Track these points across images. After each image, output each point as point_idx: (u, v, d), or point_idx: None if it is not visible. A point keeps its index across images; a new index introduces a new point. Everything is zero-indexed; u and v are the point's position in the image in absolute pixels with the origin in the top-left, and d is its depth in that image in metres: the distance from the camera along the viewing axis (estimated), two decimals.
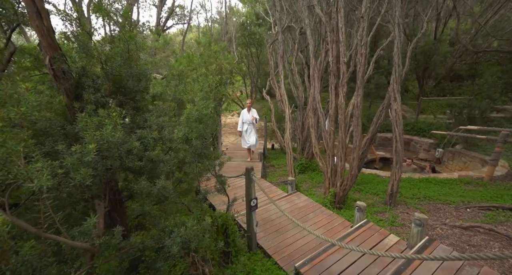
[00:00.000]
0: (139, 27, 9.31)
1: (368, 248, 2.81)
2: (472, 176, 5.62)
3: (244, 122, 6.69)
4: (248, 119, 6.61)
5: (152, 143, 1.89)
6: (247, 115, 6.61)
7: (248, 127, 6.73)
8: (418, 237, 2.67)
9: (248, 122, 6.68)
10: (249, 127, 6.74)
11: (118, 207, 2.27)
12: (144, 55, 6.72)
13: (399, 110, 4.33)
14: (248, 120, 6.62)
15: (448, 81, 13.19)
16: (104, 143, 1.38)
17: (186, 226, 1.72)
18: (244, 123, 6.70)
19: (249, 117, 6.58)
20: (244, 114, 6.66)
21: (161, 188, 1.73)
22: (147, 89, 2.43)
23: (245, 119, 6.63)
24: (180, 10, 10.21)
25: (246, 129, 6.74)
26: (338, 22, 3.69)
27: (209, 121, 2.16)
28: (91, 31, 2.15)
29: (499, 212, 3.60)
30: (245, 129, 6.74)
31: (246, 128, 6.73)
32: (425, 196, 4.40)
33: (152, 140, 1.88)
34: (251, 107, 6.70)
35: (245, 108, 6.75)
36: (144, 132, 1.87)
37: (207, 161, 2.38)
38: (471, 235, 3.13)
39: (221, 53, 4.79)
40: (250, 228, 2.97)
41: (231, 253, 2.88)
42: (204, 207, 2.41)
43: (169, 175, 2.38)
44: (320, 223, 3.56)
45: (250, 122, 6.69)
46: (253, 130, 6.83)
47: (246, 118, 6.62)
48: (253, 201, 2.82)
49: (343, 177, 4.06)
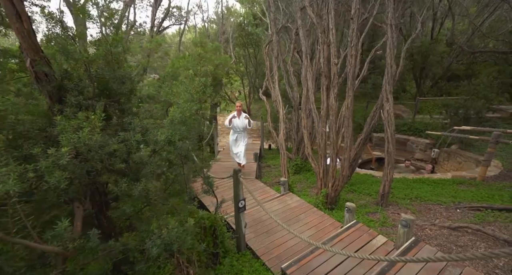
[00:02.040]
0: (136, 28, 9.33)
1: (356, 248, 2.83)
2: (465, 176, 5.64)
3: (234, 130, 5.53)
4: (239, 126, 5.41)
5: (135, 145, 1.90)
6: (238, 121, 5.40)
7: (238, 136, 5.56)
8: (404, 238, 2.68)
9: (239, 130, 5.47)
10: (239, 135, 5.56)
11: (104, 209, 2.28)
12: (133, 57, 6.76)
13: (391, 111, 4.34)
14: (239, 127, 5.42)
15: (445, 81, 13.22)
16: (81, 146, 1.39)
17: (167, 228, 1.74)
18: (235, 132, 5.54)
19: (240, 124, 5.39)
20: (233, 118, 5.39)
21: (142, 190, 1.74)
22: (133, 92, 2.44)
23: (235, 125, 5.43)
24: (177, 11, 10.22)
25: (236, 138, 5.56)
26: (328, 24, 3.70)
27: (194, 123, 2.17)
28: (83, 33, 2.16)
29: (488, 212, 3.61)
30: (234, 138, 5.56)
31: (236, 137, 5.56)
32: (417, 196, 4.41)
33: (135, 142, 1.89)
34: (239, 110, 5.48)
35: (233, 112, 5.47)
36: (127, 135, 1.88)
37: (193, 163, 2.39)
38: (458, 235, 3.14)
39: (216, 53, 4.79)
40: (239, 229, 2.98)
41: (219, 254, 2.89)
42: (190, 208, 2.42)
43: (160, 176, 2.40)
44: (311, 224, 3.57)
45: (241, 130, 5.50)
46: (244, 140, 5.60)
47: (236, 125, 5.42)
48: (241, 202, 2.84)
49: (335, 178, 4.08)
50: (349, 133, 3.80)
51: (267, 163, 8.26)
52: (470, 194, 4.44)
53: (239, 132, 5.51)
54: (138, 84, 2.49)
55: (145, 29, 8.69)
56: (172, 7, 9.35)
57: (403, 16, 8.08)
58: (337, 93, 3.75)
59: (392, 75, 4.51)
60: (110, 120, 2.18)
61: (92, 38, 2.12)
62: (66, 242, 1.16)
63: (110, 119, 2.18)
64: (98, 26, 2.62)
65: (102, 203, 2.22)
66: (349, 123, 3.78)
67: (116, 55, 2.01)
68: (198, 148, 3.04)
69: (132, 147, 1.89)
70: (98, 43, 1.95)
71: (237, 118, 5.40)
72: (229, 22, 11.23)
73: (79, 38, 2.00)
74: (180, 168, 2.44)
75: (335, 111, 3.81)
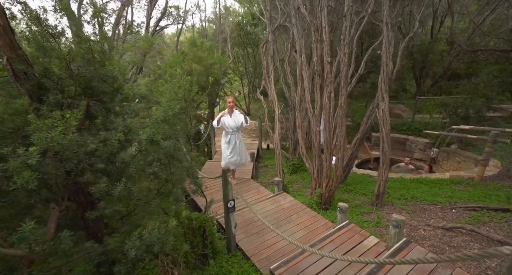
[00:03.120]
0: (135, 27, 9.34)
1: (347, 249, 2.79)
2: (463, 176, 5.57)
3: (227, 131, 4.67)
4: (231, 125, 4.56)
5: (116, 145, 1.88)
6: (229, 120, 4.54)
7: (231, 138, 4.66)
8: (395, 239, 2.64)
9: (232, 130, 4.60)
10: (232, 137, 4.67)
11: (89, 209, 2.26)
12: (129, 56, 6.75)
13: (387, 110, 4.29)
14: (231, 127, 4.57)
15: (445, 80, 13.12)
16: (54, 145, 1.37)
17: (147, 229, 1.71)
18: (227, 133, 4.68)
19: (233, 123, 4.55)
20: (224, 119, 4.56)
21: (123, 190, 1.71)
22: (119, 91, 2.41)
23: (226, 125, 4.57)
24: (175, 10, 10.21)
25: (229, 140, 4.66)
26: (322, 21, 3.66)
27: (178, 122, 2.14)
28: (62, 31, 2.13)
29: (483, 212, 3.56)
30: (227, 140, 4.67)
31: (229, 139, 4.66)
32: (412, 196, 4.36)
33: (117, 142, 1.87)
34: (234, 109, 4.64)
35: (224, 110, 4.65)
36: (108, 134, 1.86)
37: (180, 162, 2.36)
38: (452, 236, 3.09)
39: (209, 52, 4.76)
40: (229, 229, 2.95)
41: (208, 255, 2.86)
42: (176, 208, 2.39)
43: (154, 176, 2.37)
44: (303, 224, 3.53)
45: (234, 130, 4.64)
46: (240, 141, 4.81)
47: (228, 125, 4.56)
48: (230, 203, 2.81)
49: (329, 178, 4.03)
50: (343, 132, 3.76)
51: (264, 163, 8.23)
52: (467, 194, 4.38)
53: (232, 133, 4.64)
54: (125, 83, 2.46)
55: (142, 29, 8.69)
56: (169, 7, 9.34)
57: (402, 15, 8.00)
58: (330, 92, 3.70)
59: (388, 74, 4.46)
60: (95, 119, 2.16)
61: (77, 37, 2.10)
62: (33, 244, 1.13)
63: (95, 118, 2.16)
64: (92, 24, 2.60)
65: (88, 203, 2.20)
66: (343, 122, 3.74)
67: (99, 53, 1.99)
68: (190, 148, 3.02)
69: (113, 146, 1.86)
70: (79, 41, 1.93)
71: (229, 117, 4.55)
72: (228, 22, 11.21)
73: (60, 36, 1.97)
74: (170, 168, 2.41)
75: (328, 110, 3.76)
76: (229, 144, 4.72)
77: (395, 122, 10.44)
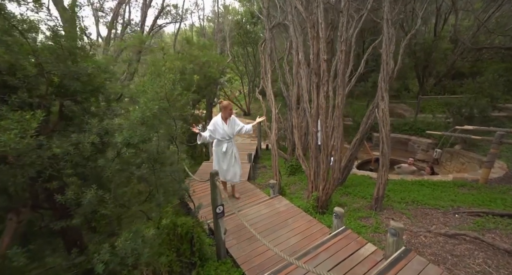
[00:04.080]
0: (132, 26, 9.23)
1: (342, 258, 2.64)
2: (467, 178, 5.38)
3: (222, 139, 3.87)
4: (227, 133, 3.83)
5: (89, 149, 1.74)
6: (224, 127, 3.80)
7: (227, 146, 3.89)
8: (393, 248, 2.47)
9: (227, 138, 3.87)
10: (229, 145, 3.91)
11: (66, 216, 2.13)
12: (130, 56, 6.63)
13: (386, 109, 4.12)
14: (228, 134, 3.85)
15: (449, 79, 12.83)
16: (7, 150, 1.23)
17: (120, 239, 1.57)
18: (222, 141, 3.88)
19: (229, 130, 3.83)
20: (217, 125, 3.79)
21: (93, 198, 1.58)
22: (99, 89, 2.28)
23: (221, 134, 3.81)
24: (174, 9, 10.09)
25: (225, 149, 3.88)
26: (318, 18, 3.50)
27: (157, 124, 2.00)
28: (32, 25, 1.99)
29: (488, 218, 3.38)
30: (222, 150, 3.89)
31: (225, 148, 3.88)
32: (413, 200, 4.18)
33: (89, 145, 1.73)
34: (231, 114, 3.89)
35: (217, 116, 3.88)
36: (80, 137, 1.72)
37: (163, 166, 2.23)
38: (455, 243, 2.92)
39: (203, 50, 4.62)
40: (218, 236, 2.81)
41: (196, 263, 2.73)
42: (158, 215, 2.25)
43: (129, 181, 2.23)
44: (298, 230, 3.38)
45: (230, 138, 3.93)
46: (235, 151, 4.06)
47: (223, 132, 3.81)
48: (218, 208, 2.66)
49: (326, 180, 3.87)
50: (340, 133, 3.59)
51: (263, 164, 8.07)
52: (470, 198, 4.20)
53: (228, 140, 3.90)
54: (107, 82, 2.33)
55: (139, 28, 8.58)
56: (166, 6, 9.21)
57: (404, 12, 7.78)
58: (327, 91, 3.54)
59: (387, 72, 4.29)
60: (71, 121, 2.03)
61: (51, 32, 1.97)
62: None
63: (72, 120, 2.03)
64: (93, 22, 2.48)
65: (64, 210, 2.07)
66: (339, 123, 3.58)
67: (72, 49, 1.85)
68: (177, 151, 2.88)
69: (86, 150, 1.72)
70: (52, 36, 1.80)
71: (224, 124, 3.78)
72: (227, 21, 11.07)
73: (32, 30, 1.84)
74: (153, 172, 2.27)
75: (325, 110, 3.60)
76: (225, 154, 3.92)
77: (397, 122, 10.23)
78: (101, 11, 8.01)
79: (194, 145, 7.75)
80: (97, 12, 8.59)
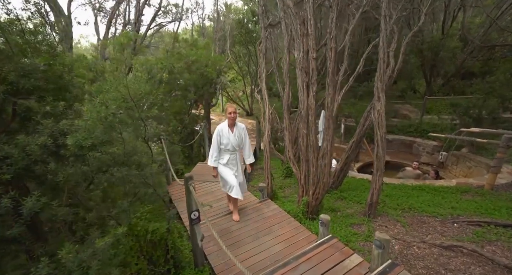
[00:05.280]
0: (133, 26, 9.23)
1: (325, 270, 2.46)
2: (471, 184, 5.07)
3: (225, 150, 3.34)
4: (232, 144, 3.29)
5: (38, 151, 1.63)
6: (229, 136, 3.26)
7: (230, 158, 3.37)
8: (379, 261, 2.28)
9: (231, 149, 3.33)
10: (231, 157, 3.37)
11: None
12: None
13: (382, 110, 3.90)
14: (234, 145, 3.31)
15: (458, 79, 12.33)
16: None
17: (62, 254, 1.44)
18: (224, 152, 3.35)
19: (234, 141, 3.29)
20: (222, 132, 3.27)
21: (34, 206, 1.46)
22: (68, 89, 2.17)
23: (225, 143, 3.29)
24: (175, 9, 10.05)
25: (227, 161, 3.36)
26: (307, 14, 3.32)
27: (124, 125, 1.88)
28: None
29: (490, 228, 3.12)
30: (225, 162, 3.36)
31: (227, 160, 3.35)
32: (410, 206, 3.94)
33: (38, 148, 1.62)
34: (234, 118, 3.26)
35: (223, 122, 3.32)
36: (28, 139, 1.61)
37: (129, 170, 2.10)
38: (451, 256, 2.69)
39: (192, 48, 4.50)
40: (194, 242, 2.67)
41: (171, 271, 2.60)
42: (124, 223, 2.12)
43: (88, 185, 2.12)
44: (284, 236, 3.21)
45: (235, 149, 3.37)
46: (239, 163, 3.50)
47: (228, 143, 3.28)
48: (193, 214, 2.52)
49: (316, 185, 3.69)
50: (330, 135, 3.40)
51: (261, 165, 7.90)
52: (473, 205, 3.92)
53: (232, 152, 3.35)
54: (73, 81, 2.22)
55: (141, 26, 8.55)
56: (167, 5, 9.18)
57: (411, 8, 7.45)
58: (315, 91, 3.35)
59: (384, 71, 4.09)
60: (29, 121, 1.93)
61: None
62: None
63: (29, 120, 1.93)
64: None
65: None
66: (330, 124, 3.38)
67: (19, 45, 1.75)
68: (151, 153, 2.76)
69: (33, 152, 1.61)
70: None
71: (230, 132, 3.26)
72: (228, 20, 10.95)
73: None
74: (117, 175, 2.15)
75: (314, 111, 3.42)
76: (230, 167, 3.41)
77: (402, 123, 9.89)
78: (101, 11, 8.02)
79: (191, 145, 7.67)
80: (98, 12, 8.62)
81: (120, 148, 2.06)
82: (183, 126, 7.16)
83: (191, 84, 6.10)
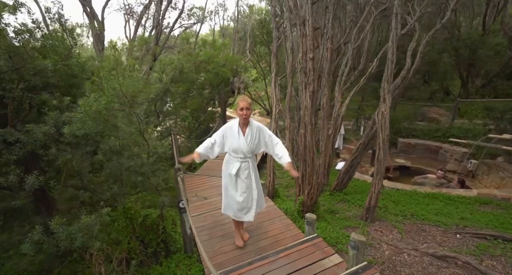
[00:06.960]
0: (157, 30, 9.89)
1: (301, 266, 2.50)
2: (495, 195, 4.62)
3: (234, 156, 2.48)
4: (242, 149, 2.40)
5: (42, 138, 1.94)
6: (239, 138, 2.40)
7: (242, 167, 2.47)
8: (354, 261, 2.27)
9: (241, 156, 2.45)
10: (243, 165, 2.47)
11: (42, 197, 2.41)
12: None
13: (387, 113, 3.77)
14: (241, 151, 2.42)
15: (503, 79, 11.05)
16: None
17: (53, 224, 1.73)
18: (233, 158, 2.49)
19: (244, 145, 2.39)
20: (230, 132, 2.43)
21: (34, 183, 1.76)
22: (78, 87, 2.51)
23: (233, 147, 2.42)
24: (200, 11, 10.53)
25: (237, 172, 2.46)
26: (306, 14, 3.35)
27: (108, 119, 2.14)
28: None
29: (497, 243, 2.86)
30: (234, 172, 2.46)
31: (237, 169, 2.46)
32: (413, 213, 3.75)
33: (42, 135, 1.93)
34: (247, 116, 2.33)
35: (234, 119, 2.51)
36: (34, 127, 1.94)
37: (120, 159, 2.37)
38: (441, 266, 2.55)
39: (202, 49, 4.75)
40: (184, 230, 2.89)
41: (161, 253, 2.84)
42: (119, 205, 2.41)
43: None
44: (271, 233, 3.29)
45: (246, 156, 2.46)
46: (255, 174, 2.57)
47: (236, 147, 2.41)
48: (181, 203, 2.74)
49: (311, 185, 3.70)
50: (324, 136, 3.39)
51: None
52: (488, 218, 3.61)
53: (242, 160, 2.47)
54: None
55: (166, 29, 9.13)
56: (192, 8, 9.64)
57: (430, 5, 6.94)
58: (312, 91, 3.36)
59: (391, 72, 3.94)
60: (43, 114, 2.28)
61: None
62: None
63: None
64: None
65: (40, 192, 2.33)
66: (324, 125, 3.37)
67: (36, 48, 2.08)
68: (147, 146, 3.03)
69: (38, 139, 1.93)
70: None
71: (240, 134, 2.41)
72: (250, 20, 11.16)
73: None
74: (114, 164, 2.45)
75: (310, 111, 3.43)
76: (237, 179, 2.51)
77: (428, 127, 9.22)
78: (130, 15, 8.74)
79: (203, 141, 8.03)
80: (129, 16, 9.36)
81: (115, 139, 2.34)
82: (199, 123, 7.52)
83: (207, 83, 6.39)
